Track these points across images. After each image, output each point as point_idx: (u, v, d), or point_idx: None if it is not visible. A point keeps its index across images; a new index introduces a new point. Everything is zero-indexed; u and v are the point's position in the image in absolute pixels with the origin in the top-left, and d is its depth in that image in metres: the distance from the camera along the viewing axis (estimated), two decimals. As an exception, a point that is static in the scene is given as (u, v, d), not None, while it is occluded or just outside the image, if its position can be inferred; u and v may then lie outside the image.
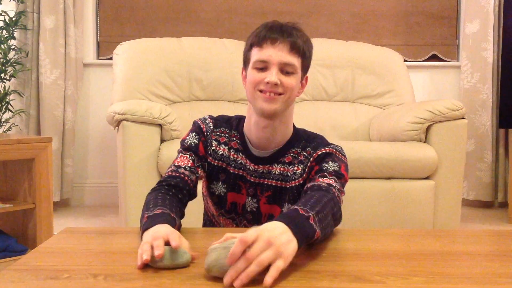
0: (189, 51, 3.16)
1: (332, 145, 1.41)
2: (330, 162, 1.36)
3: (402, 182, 2.59)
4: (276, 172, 1.42)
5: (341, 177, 1.34)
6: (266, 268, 0.92)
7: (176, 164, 1.41)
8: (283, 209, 1.43)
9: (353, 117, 3.18)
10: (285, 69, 1.35)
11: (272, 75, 1.33)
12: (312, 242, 1.08)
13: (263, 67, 1.35)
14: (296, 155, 1.42)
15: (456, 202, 2.65)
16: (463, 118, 2.65)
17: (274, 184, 1.42)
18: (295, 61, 1.36)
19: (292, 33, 1.35)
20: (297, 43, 1.35)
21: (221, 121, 1.47)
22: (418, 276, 0.97)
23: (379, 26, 3.71)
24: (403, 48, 3.69)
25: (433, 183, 2.61)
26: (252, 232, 0.94)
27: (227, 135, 1.46)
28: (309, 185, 1.32)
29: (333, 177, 1.32)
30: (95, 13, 3.66)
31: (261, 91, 1.35)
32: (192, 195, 1.40)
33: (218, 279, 0.93)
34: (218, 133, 1.46)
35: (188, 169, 1.39)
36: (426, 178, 2.63)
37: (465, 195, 3.58)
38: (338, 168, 1.35)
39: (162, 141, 2.54)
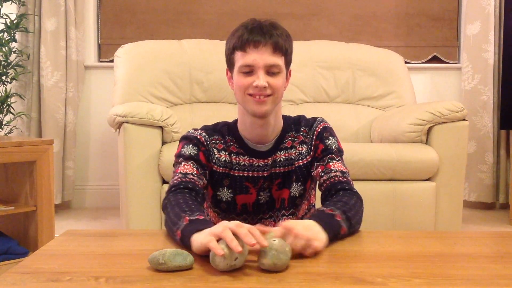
0: (190, 53, 3.16)
1: (318, 118, 1.52)
2: (330, 137, 1.48)
3: (403, 184, 2.58)
4: (282, 159, 1.47)
5: (342, 152, 1.50)
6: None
7: (181, 171, 1.39)
8: (291, 190, 1.48)
9: (354, 119, 3.18)
10: (271, 70, 1.37)
11: (260, 80, 1.35)
12: (340, 237, 1.23)
13: (249, 71, 1.37)
14: (293, 138, 1.49)
15: (457, 203, 2.65)
16: (464, 119, 2.64)
17: (282, 170, 1.48)
18: (279, 61, 1.38)
19: (273, 33, 1.37)
20: (279, 43, 1.37)
21: (210, 130, 1.48)
22: (419, 278, 0.97)
23: (380, 28, 3.71)
24: (403, 49, 3.69)
25: (434, 184, 2.61)
26: (291, 221, 1.14)
27: (222, 141, 1.47)
28: (325, 176, 1.43)
29: (339, 158, 1.46)
30: (96, 15, 3.67)
31: (250, 94, 1.38)
32: (204, 200, 1.41)
33: (219, 281, 0.94)
34: (213, 141, 1.47)
35: (195, 175, 1.39)
36: (428, 179, 2.63)
37: (467, 197, 3.57)
38: (337, 144, 1.49)
39: (163, 143, 2.54)
